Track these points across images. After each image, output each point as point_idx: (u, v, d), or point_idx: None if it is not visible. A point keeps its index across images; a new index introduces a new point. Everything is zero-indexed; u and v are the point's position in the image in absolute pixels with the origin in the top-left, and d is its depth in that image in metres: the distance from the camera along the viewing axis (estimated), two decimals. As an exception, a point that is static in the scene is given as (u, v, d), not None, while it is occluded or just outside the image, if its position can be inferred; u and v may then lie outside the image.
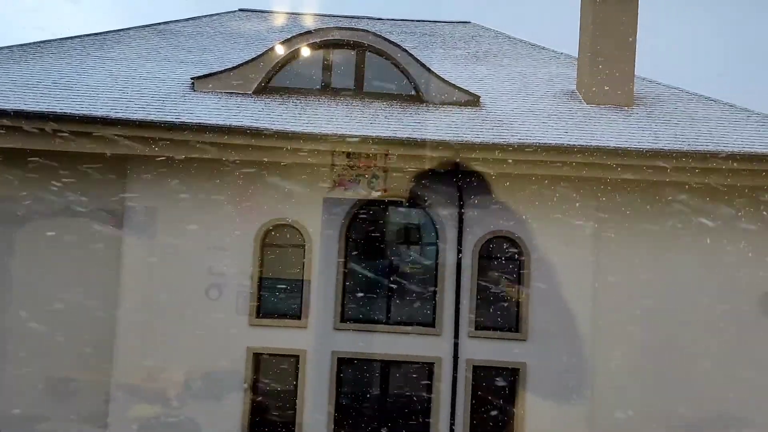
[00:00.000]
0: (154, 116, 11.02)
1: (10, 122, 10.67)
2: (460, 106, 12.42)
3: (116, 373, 11.51)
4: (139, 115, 10.99)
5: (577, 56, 14.16)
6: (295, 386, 11.86)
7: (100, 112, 10.92)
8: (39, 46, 13.79)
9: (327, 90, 12.55)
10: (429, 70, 12.58)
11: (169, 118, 11.02)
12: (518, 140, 11.22)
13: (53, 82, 12.05)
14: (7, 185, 11.78)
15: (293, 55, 12.53)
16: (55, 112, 10.78)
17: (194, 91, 12.29)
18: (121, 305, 11.58)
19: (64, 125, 10.75)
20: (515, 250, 12.06)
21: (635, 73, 13.36)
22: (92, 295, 11.63)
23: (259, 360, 11.89)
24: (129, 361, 11.54)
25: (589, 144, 11.18)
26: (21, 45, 13.73)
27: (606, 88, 13.00)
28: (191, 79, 12.54)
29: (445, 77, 12.76)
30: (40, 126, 10.73)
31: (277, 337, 11.83)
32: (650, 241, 11.82)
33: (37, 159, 11.57)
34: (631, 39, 13.18)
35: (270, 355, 11.94)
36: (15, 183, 11.79)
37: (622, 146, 11.16)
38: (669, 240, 11.84)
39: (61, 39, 14.27)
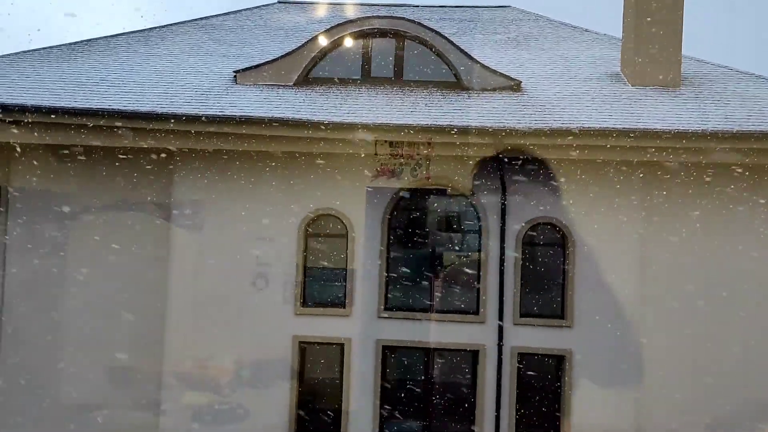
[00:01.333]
0: (198, 110, 11.20)
1: (60, 119, 10.99)
2: (502, 91, 12.29)
3: (168, 361, 11.85)
4: (183, 110, 11.18)
5: (621, 37, 13.82)
6: (341, 374, 12.01)
7: (146, 108, 11.14)
8: (86, 45, 14.17)
9: (367, 79, 12.57)
10: (469, 56, 12.48)
11: (212, 112, 11.18)
12: (561, 125, 11.02)
13: (101, 79, 12.37)
14: (59, 181, 12.21)
15: (332, 46, 12.58)
16: (104, 108, 11.04)
17: (236, 84, 12.46)
18: (171, 296, 11.90)
19: (112, 121, 11.02)
20: (559, 237, 11.93)
21: (682, 53, 12.98)
22: (143, 286, 12.01)
23: (304, 348, 12.08)
24: (180, 350, 11.88)
25: (635, 127, 10.91)
26: (69, 44, 14.15)
27: (652, 68, 12.68)
28: (233, 72, 12.71)
29: (486, 63, 12.64)
30: (89, 123, 11.03)
31: (323, 326, 11.99)
32: (698, 226, 11.54)
33: (86, 155, 11.97)
34: (677, 17, 12.78)
35: (315, 343, 12.12)
36: (66, 179, 12.22)
37: (670, 128, 10.85)
38: (718, 225, 11.55)
39: (107, 37, 14.64)
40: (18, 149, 12.15)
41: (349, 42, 12.57)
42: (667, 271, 11.53)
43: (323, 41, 12.50)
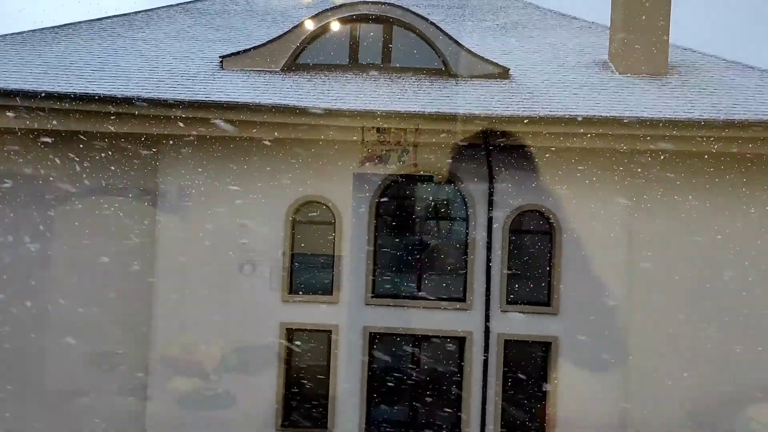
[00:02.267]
0: (184, 96, 11.06)
1: (43, 104, 10.82)
2: (489, 78, 12.26)
3: (154, 347, 11.81)
4: (169, 95, 11.04)
5: (609, 25, 13.82)
6: (328, 361, 12.02)
7: (131, 93, 11.00)
8: (70, 28, 13.96)
9: (355, 65, 12.49)
10: (457, 43, 12.43)
11: (198, 97, 11.05)
12: (549, 112, 11.02)
13: (85, 64, 12.20)
14: (42, 166, 12.05)
15: (320, 31, 12.48)
16: (88, 93, 10.88)
17: (223, 69, 12.34)
18: (157, 282, 11.84)
19: (97, 106, 10.88)
20: (546, 224, 11.97)
21: (670, 41, 13.01)
22: (128, 272, 11.92)
23: (292, 335, 12.07)
24: (166, 337, 11.83)
25: (622, 115, 10.93)
26: (53, 27, 13.91)
27: (639, 57, 12.70)
28: (219, 57, 12.59)
29: (474, 50, 12.59)
30: (73, 107, 10.88)
31: (310, 313, 11.97)
32: (685, 213, 11.61)
33: (71, 140, 11.82)
34: (665, 5, 12.80)
35: (303, 330, 12.11)
36: (49, 164, 12.06)
37: (657, 116, 10.89)
38: (705, 213, 11.62)
39: (90, 21, 14.42)
40: None
41: (336, 27, 12.48)
42: (654, 258, 11.59)
43: (310, 26, 12.39)
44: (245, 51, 12.52)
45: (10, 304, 12.21)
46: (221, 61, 12.49)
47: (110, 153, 11.88)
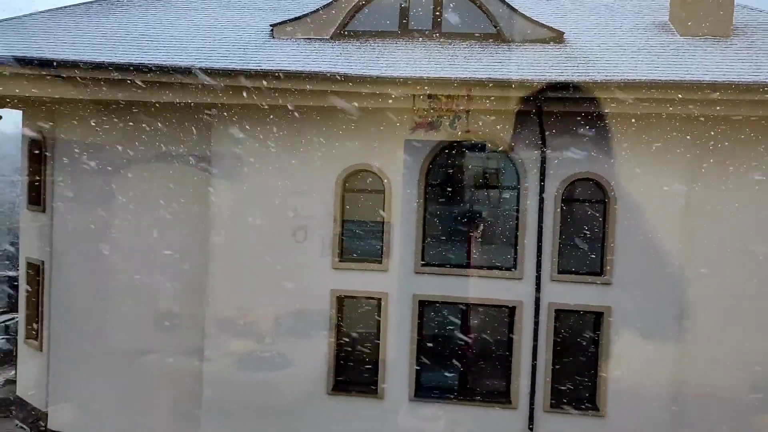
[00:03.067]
0: (235, 65, 11.18)
1: (101, 74, 11.10)
2: (543, 43, 11.96)
3: (210, 310, 12.18)
4: (221, 64, 11.17)
5: (669, -16, 13.25)
6: (378, 327, 12.17)
7: (185, 63, 11.17)
8: (126, 0, 14.22)
9: (405, 32, 12.36)
10: (510, 6, 12.12)
11: (250, 66, 11.16)
12: (605, 77, 10.68)
13: (140, 34, 12.43)
14: (102, 134, 12.45)
15: (370, -3, 12.36)
16: (144, 63, 11.11)
17: (273, 38, 12.38)
18: (212, 247, 12.16)
19: (153, 76, 11.10)
20: (600, 193, 11.71)
21: (734, 1, 12.39)
22: (185, 236, 12.32)
23: (342, 301, 12.25)
24: (221, 300, 12.19)
25: (682, 79, 10.51)
26: (109, -1, 14.22)
27: (702, 17, 12.15)
28: (270, 26, 12.63)
29: (527, 13, 12.27)
30: (129, 77, 11.11)
31: (360, 280, 12.11)
32: (746, 181, 11.19)
33: (128, 109, 12.14)
34: (730, -38, 12.18)
35: (353, 297, 12.27)
36: (109, 132, 12.45)
37: (720, 80, 10.42)
38: (766, 180, 11.16)
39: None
40: (61, 103, 12.41)
41: (386, -7, 12.32)
42: (712, 227, 11.26)
43: (360, -8, 12.28)
44: (295, 19, 12.52)
45: (73, 268, 12.79)
46: (272, 30, 12.52)
47: (166, 121, 12.17)
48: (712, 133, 11.25)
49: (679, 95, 10.49)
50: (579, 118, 11.28)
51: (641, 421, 11.50)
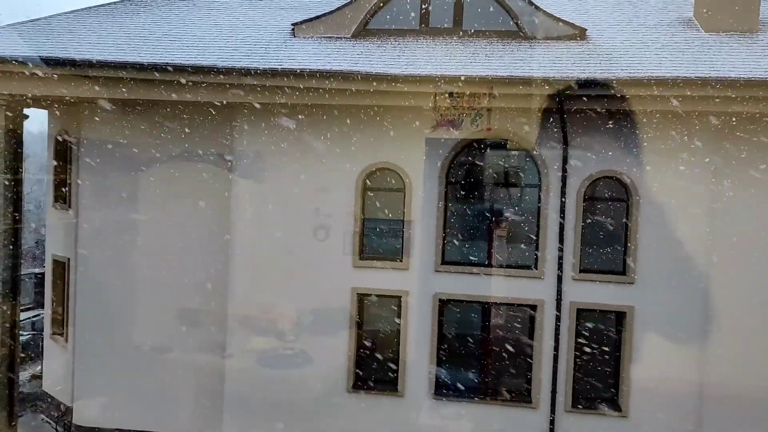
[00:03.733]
0: (257, 64, 11.23)
1: (125, 74, 11.24)
2: (565, 40, 11.86)
3: (233, 307, 12.29)
4: (243, 64, 11.25)
5: (694, -20, 13.06)
6: (398, 325, 12.18)
7: (207, 62, 11.27)
8: (149, 0, 14.37)
9: (426, 29, 12.34)
10: (531, 3, 12.05)
11: (271, 65, 11.21)
12: (628, 74, 10.56)
13: (163, 34, 12.56)
14: (126, 133, 12.61)
15: (390, -5, 12.36)
16: (168, 62, 11.22)
17: (295, 37, 12.44)
18: (234, 244, 12.26)
19: (176, 75, 11.20)
20: (623, 191, 11.60)
21: (762, -4, 12.21)
22: (207, 234, 12.43)
23: (363, 299, 12.28)
24: (243, 298, 12.30)
25: (708, 75, 10.35)
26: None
27: (728, 13, 11.98)
28: (291, 25, 12.68)
29: (549, 10, 12.18)
30: (153, 77, 11.23)
31: (380, 278, 12.13)
32: (772, 180, 11.02)
33: (151, 108, 12.28)
34: (757, -44, 11.98)
35: (374, 295, 12.29)
36: (133, 131, 12.61)
37: (746, 77, 10.26)
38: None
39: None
40: (86, 103, 12.58)
41: (407, -9, 12.31)
42: (737, 226, 11.10)
43: (381, -9, 12.28)
44: (316, 18, 12.56)
45: (98, 265, 12.97)
46: (293, 29, 12.58)
47: (189, 121, 12.30)
48: (738, 131, 11.08)
49: (704, 92, 10.34)
50: (601, 116, 11.19)
51: (665, 422, 11.37)
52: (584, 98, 10.79)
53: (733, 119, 11.00)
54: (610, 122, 11.23)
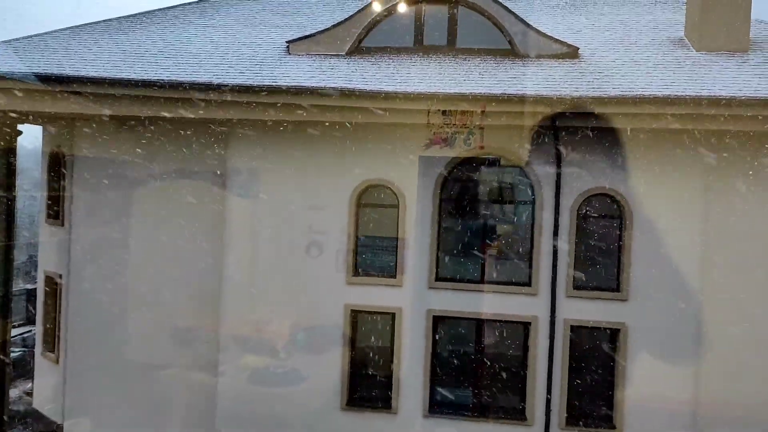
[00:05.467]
0: (252, 81, 11.29)
1: (119, 90, 11.28)
2: (558, 58, 11.97)
3: (225, 325, 12.24)
4: (238, 80, 11.30)
5: (685, 0, 13.21)
6: (392, 343, 12.15)
7: (203, 79, 11.32)
8: (144, 17, 14.45)
9: (420, 48, 12.43)
10: (524, 22, 12.16)
11: (266, 82, 11.26)
12: (620, 93, 10.65)
13: (158, 51, 12.61)
14: (120, 150, 12.61)
15: (385, 14, 12.46)
16: (162, 79, 11.26)
17: (289, 54, 12.51)
18: (227, 262, 12.24)
19: (170, 92, 11.24)
20: (616, 208, 11.65)
21: (751, 15, 12.32)
22: (200, 252, 12.39)
23: (356, 316, 12.25)
24: (236, 315, 12.25)
25: (699, 94, 10.45)
26: (127, 16, 14.45)
27: (718, 32, 12.10)
28: (286, 42, 12.76)
29: (542, 29, 12.30)
30: (147, 93, 11.27)
31: (374, 295, 12.11)
32: (763, 197, 11.08)
33: (145, 125, 12.30)
34: (747, -23, 12.13)
35: (367, 312, 12.26)
36: (126, 148, 12.61)
37: (737, 95, 10.36)
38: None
39: (163, 9, 14.89)
40: (80, 119, 12.59)
41: (401, 9, 12.43)
42: (729, 243, 11.15)
43: (376, 9, 12.39)
44: (311, 35, 12.65)
45: (90, 282, 12.90)
46: (288, 46, 12.65)
47: (183, 137, 12.31)
48: (730, 149, 11.16)
49: (695, 111, 10.43)
50: (594, 134, 11.26)
51: (659, 439, 11.34)
52: (577, 116, 10.87)
53: (725, 137, 11.09)
54: (603, 140, 11.30)
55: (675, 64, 11.70)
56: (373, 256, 12.25)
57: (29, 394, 16.53)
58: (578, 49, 12.12)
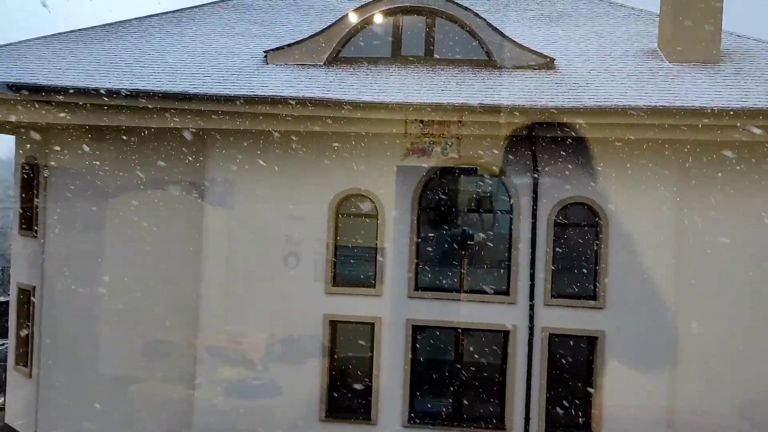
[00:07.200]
0: (229, 91, 11.25)
1: (94, 100, 11.15)
2: (534, 69, 12.09)
3: (202, 337, 12.10)
4: (215, 90, 11.24)
5: (658, 12, 13.45)
6: (371, 353, 12.11)
7: (179, 88, 11.24)
8: (120, 26, 14.33)
9: (398, 58, 12.48)
10: (501, 33, 12.29)
11: (243, 92, 11.23)
12: (595, 103, 10.80)
13: (135, 60, 12.51)
14: (95, 160, 12.45)
15: (363, 24, 12.49)
16: (137, 89, 11.17)
17: (267, 64, 12.48)
18: (204, 273, 12.13)
19: (145, 102, 11.15)
20: (593, 217, 11.77)
21: (722, 27, 12.58)
22: (177, 263, 12.26)
23: (335, 327, 12.19)
24: (213, 326, 12.13)
25: (672, 105, 10.64)
26: (103, 25, 14.33)
27: (690, 44, 12.33)
28: (264, 52, 12.73)
29: (519, 40, 12.43)
30: (122, 103, 11.16)
31: (353, 305, 12.07)
32: (736, 206, 11.28)
33: (121, 135, 12.17)
34: (717, -10, 12.39)
35: (346, 322, 12.22)
36: (101, 158, 12.45)
37: (708, 105, 10.55)
38: (757, 207, 11.26)
39: (140, 18, 14.78)
40: (54, 129, 12.41)
41: (379, 20, 12.47)
42: (703, 253, 11.31)
43: (353, 19, 12.42)
44: (289, 45, 12.64)
45: (65, 294, 12.69)
46: (266, 56, 12.63)
47: (159, 147, 12.19)
48: (702, 158, 11.37)
49: (669, 121, 10.61)
50: (570, 143, 11.38)
51: (636, 446, 11.42)
52: (553, 126, 10.98)
53: (698, 147, 11.28)
54: (579, 149, 11.43)
55: (648, 75, 11.89)
56: (352, 265, 12.21)
57: (1, 408, 16.17)
58: (554, 60, 12.27)
